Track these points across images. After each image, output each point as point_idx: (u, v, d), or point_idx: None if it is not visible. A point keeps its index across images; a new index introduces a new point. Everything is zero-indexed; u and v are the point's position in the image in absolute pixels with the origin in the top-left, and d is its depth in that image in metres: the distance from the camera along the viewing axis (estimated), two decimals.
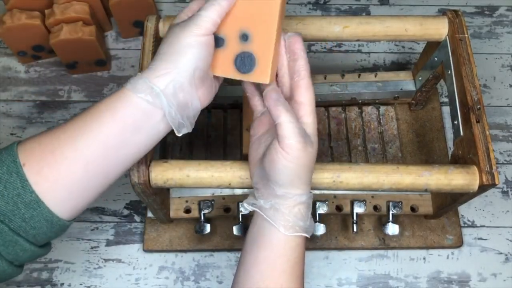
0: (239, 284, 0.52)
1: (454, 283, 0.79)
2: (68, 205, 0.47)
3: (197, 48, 0.48)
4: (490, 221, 0.83)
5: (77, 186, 0.47)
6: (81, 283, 0.78)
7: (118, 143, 0.48)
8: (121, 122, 0.47)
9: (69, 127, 0.47)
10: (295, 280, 0.52)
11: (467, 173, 0.59)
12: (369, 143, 0.84)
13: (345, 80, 0.82)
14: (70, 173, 0.46)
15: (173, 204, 0.76)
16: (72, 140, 0.46)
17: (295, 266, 0.52)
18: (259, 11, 0.49)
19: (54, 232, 0.48)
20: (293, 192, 0.50)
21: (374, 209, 0.77)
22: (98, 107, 0.48)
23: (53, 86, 0.92)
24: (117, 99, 0.48)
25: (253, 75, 0.51)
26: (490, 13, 1.00)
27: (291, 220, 0.50)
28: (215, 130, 0.84)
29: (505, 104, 0.92)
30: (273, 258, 0.51)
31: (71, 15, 0.84)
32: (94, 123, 0.47)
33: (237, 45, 0.51)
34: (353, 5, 1.01)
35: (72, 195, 0.47)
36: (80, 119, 0.48)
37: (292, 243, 0.51)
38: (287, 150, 0.48)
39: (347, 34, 0.67)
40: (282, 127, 0.48)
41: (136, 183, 0.58)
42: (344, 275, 0.79)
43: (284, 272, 0.51)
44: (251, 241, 0.53)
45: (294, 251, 0.51)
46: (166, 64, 0.48)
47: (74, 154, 0.46)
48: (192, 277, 0.79)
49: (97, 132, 0.47)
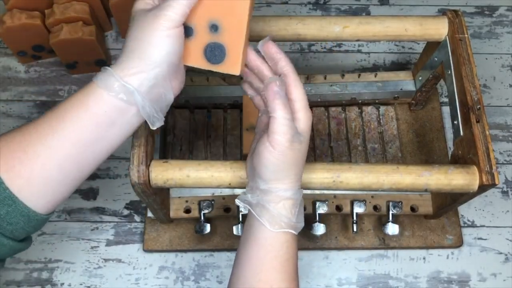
0: (234, 283, 0.52)
1: (454, 283, 0.79)
2: (44, 200, 0.47)
3: (169, 43, 0.47)
4: (490, 221, 0.83)
5: (52, 182, 0.47)
6: (81, 283, 0.78)
7: (92, 140, 0.47)
8: (95, 120, 0.47)
9: (41, 124, 0.47)
10: (286, 278, 0.51)
11: (467, 173, 0.59)
12: (369, 143, 0.84)
13: (345, 80, 0.82)
14: (44, 171, 0.46)
15: (173, 204, 0.76)
16: (44, 138, 0.46)
17: (285, 263, 0.51)
18: (229, 1, 0.48)
19: (32, 227, 0.48)
20: (277, 187, 0.50)
21: (374, 209, 0.77)
22: (70, 104, 0.47)
23: (53, 86, 0.92)
24: (89, 96, 0.47)
25: (224, 66, 0.51)
26: (490, 13, 1.00)
27: (276, 216, 0.50)
28: (215, 130, 0.84)
29: (505, 104, 0.92)
30: (262, 255, 0.51)
31: (71, 15, 0.84)
32: (67, 122, 0.46)
33: (206, 35, 0.50)
34: (353, 5, 1.01)
35: (47, 191, 0.47)
36: (52, 116, 0.47)
37: (280, 239, 0.51)
38: (273, 145, 0.48)
39: (347, 34, 0.67)
40: (275, 121, 0.48)
41: (136, 183, 0.58)
42: (344, 275, 0.79)
43: (273, 269, 0.51)
44: (243, 239, 0.53)
45: (283, 248, 0.51)
46: (138, 61, 0.47)
47: (48, 152, 0.46)
48: (192, 277, 0.79)
49: (70, 130, 0.46)
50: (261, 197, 0.51)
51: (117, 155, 0.86)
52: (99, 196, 0.83)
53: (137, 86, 0.47)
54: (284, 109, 0.48)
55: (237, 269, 0.53)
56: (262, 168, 0.50)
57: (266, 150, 0.48)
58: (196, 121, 0.85)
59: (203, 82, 0.81)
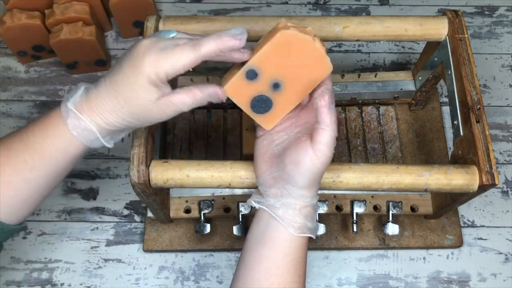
0: (240, 282, 0.52)
1: (454, 283, 0.79)
2: (16, 215, 0.51)
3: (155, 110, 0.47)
4: (490, 221, 0.83)
5: (24, 202, 0.51)
6: (81, 283, 0.78)
7: (64, 167, 0.51)
8: (56, 153, 0.49)
9: (9, 146, 0.49)
10: (297, 280, 0.52)
11: (467, 173, 0.59)
12: (369, 143, 0.84)
13: (345, 80, 0.82)
14: (18, 195, 0.50)
15: (173, 204, 0.76)
16: (9, 162, 0.49)
17: (298, 265, 0.52)
18: (304, 72, 0.51)
19: (4, 237, 0.52)
20: (306, 194, 0.51)
21: (374, 209, 0.77)
22: (33, 130, 0.50)
23: (53, 86, 0.92)
24: (51, 126, 0.49)
25: (261, 118, 0.54)
26: (490, 13, 1.00)
27: (300, 221, 0.51)
28: (215, 130, 0.84)
29: (505, 104, 0.92)
30: (278, 257, 0.51)
31: (71, 15, 0.84)
32: (28, 148, 0.49)
33: (264, 87, 0.51)
34: (353, 5, 1.01)
35: (19, 208, 0.51)
36: (17, 139, 0.50)
37: (298, 243, 0.52)
38: (318, 155, 0.49)
39: (347, 34, 0.67)
40: (324, 133, 0.49)
41: (136, 183, 0.58)
42: (344, 275, 0.79)
43: (288, 272, 0.51)
44: (254, 240, 0.53)
45: (299, 251, 0.52)
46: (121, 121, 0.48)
47: (20, 180, 0.49)
48: (192, 277, 0.79)
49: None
50: (288, 202, 0.51)
51: (117, 155, 0.86)
52: (99, 196, 0.83)
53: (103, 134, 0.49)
54: (334, 124, 0.49)
55: (245, 269, 0.53)
56: (299, 176, 0.50)
57: (308, 159, 0.49)
58: (196, 121, 0.85)
59: (203, 82, 0.81)
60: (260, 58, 0.49)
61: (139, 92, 0.46)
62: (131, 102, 0.47)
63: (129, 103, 0.47)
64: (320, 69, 0.51)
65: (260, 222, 0.53)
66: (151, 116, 0.48)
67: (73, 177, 0.84)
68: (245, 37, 0.47)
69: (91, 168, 0.85)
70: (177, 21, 0.66)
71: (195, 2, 1.00)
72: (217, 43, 0.46)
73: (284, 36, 0.48)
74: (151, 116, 0.48)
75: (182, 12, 0.99)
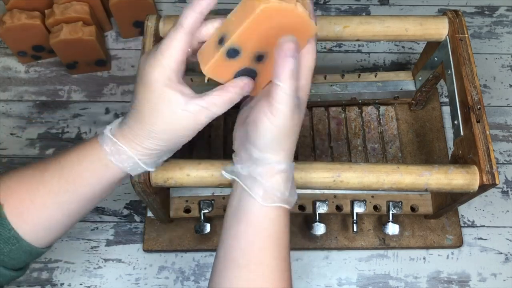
0: (220, 263, 0.49)
1: (454, 283, 0.79)
2: (46, 239, 0.51)
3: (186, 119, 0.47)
4: (490, 221, 0.83)
5: (56, 226, 0.51)
6: (81, 283, 0.78)
7: (96, 194, 0.51)
8: (97, 181, 0.49)
9: (43, 168, 0.49)
10: (277, 256, 0.48)
11: (467, 173, 0.59)
12: (369, 143, 0.84)
13: (345, 80, 0.82)
14: (49, 219, 0.50)
15: (173, 203, 0.76)
16: (54, 194, 0.49)
17: (276, 240, 0.48)
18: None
19: (32, 259, 0.52)
20: (271, 158, 0.47)
21: (374, 209, 0.77)
22: (70, 154, 0.49)
23: (53, 86, 0.92)
24: (89, 150, 0.49)
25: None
26: (490, 13, 1.00)
27: (269, 190, 0.47)
28: (215, 130, 0.84)
29: (505, 104, 0.92)
30: (252, 232, 0.48)
31: (71, 15, 0.84)
32: (64, 170, 0.49)
33: (247, 61, 0.48)
34: (353, 5, 1.01)
35: (51, 233, 0.51)
36: (54, 161, 0.49)
37: (272, 215, 0.48)
38: (274, 113, 0.45)
39: (347, 34, 0.67)
40: (280, 90, 0.44)
41: (136, 182, 0.58)
42: (344, 275, 0.79)
43: (265, 248, 0.48)
44: (230, 215, 0.50)
45: (274, 224, 0.48)
46: (156, 142, 0.48)
47: (55, 206, 0.49)
48: (192, 277, 0.79)
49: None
50: (253, 168, 0.48)
51: None
52: None
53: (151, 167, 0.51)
54: (292, 79, 0.44)
55: (224, 248, 0.49)
56: (258, 136, 0.46)
57: (265, 117, 0.45)
58: None
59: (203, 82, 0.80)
60: (240, 37, 0.45)
61: (160, 103, 0.46)
62: (159, 118, 0.46)
63: (159, 121, 0.46)
64: (305, 31, 0.47)
65: (234, 196, 0.50)
66: (184, 127, 0.47)
67: None
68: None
69: None
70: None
71: None
72: (192, 8, 0.45)
73: (265, 12, 0.44)
74: (184, 127, 0.47)
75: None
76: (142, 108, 0.47)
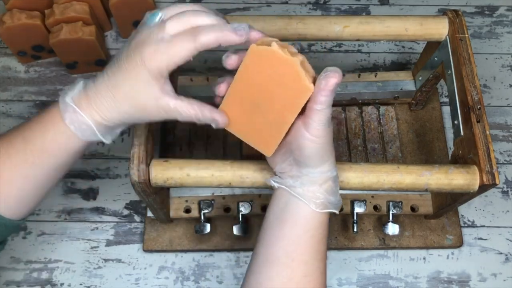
0: (259, 261, 0.51)
1: (454, 283, 0.79)
2: (19, 211, 0.51)
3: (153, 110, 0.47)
4: (490, 221, 0.83)
5: (27, 198, 0.51)
6: (81, 283, 0.78)
7: (58, 164, 0.50)
8: (62, 150, 0.49)
9: (7, 143, 0.50)
10: (319, 257, 0.51)
11: (467, 173, 0.59)
12: (369, 143, 0.84)
13: (345, 80, 0.82)
14: (19, 192, 0.50)
15: (173, 203, 0.76)
16: (9, 158, 0.49)
17: (319, 242, 0.51)
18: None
19: (8, 232, 0.53)
20: (324, 170, 0.50)
21: (374, 209, 0.77)
22: (32, 126, 0.50)
23: (53, 86, 0.92)
24: (50, 122, 0.49)
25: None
26: (490, 13, 1.00)
27: (321, 197, 0.50)
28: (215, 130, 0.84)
29: (505, 104, 0.92)
30: (298, 234, 0.51)
31: (71, 15, 0.84)
32: (28, 143, 0.49)
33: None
34: (353, 5, 1.01)
35: (22, 204, 0.51)
36: (17, 135, 0.50)
37: (320, 219, 0.51)
38: (315, 135, 0.48)
39: (347, 34, 0.67)
40: (319, 114, 0.47)
41: (136, 182, 0.58)
42: (344, 275, 0.79)
43: (310, 248, 0.51)
44: (274, 218, 0.52)
45: (320, 228, 0.51)
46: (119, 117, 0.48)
47: (21, 175, 0.49)
48: (192, 277, 0.79)
49: (31, 152, 0.49)
50: (306, 179, 0.50)
51: (117, 155, 0.86)
52: (99, 196, 0.83)
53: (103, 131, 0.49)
54: (330, 106, 0.47)
55: (265, 247, 0.52)
56: (306, 159, 0.49)
57: (307, 141, 0.48)
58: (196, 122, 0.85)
59: (203, 82, 0.81)
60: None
61: (140, 87, 0.46)
62: (131, 99, 0.47)
63: (129, 100, 0.47)
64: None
65: (279, 200, 0.53)
66: (147, 115, 0.48)
67: (73, 177, 0.84)
68: (247, 34, 0.45)
69: (91, 168, 0.85)
70: None
71: (195, 2, 1.00)
72: (217, 35, 0.45)
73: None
74: (148, 115, 0.48)
75: None
76: (120, 84, 0.47)
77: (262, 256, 0.52)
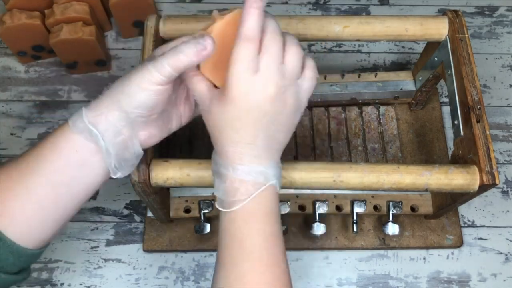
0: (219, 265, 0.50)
1: (454, 283, 0.79)
2: (30, 237, 0.49)
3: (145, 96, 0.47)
4: (490, 221, 0.83)
5: (34, 221, 0.48)
6: (81, 283, 0.78)
7: (66, 180, 0.49)
8: (66, 160, 0.48)
9: (20, 164, 0.48)
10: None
11: (467, 173, 0.59)
12: (369, 143, 0.84)
13: (345, 80, 0.82)
14: (25, 210, 0.48)
15: (173, 203, 0.76)
16: (23, 179, 0.48)
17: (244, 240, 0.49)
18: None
19: (23, 261, 0.49)
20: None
21: (374, 209, 0.77)
22: (44, 145, 0.49)
23: (53, 86, 0.92)
24: (61, 136, 0.48)
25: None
26: (490, 13, 1.00)
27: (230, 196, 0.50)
28: None
29: (505, 104, 0.92)
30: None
31: (71, 15, 0.84)
32: (41, 162, 0.48)
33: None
34: (353, 5, 1.01)
35: (33, 228, 0.49)
36: (30, 155, 0.49)
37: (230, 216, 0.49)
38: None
39: (347, 34, 0.67)
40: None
41: (136, 182, 0.58)
42: (344, 275, 0.79)
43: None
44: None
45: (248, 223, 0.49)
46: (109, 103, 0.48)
47: (25, 192, 0.47)
48: (192, 277, 0.79)
49: (45, 170, 0.48)
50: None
51: None
52: (99, 196, 0.83)
53: (102, 129, 0.47)
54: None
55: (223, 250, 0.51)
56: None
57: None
58: (196, 121, 0.85)
59: None
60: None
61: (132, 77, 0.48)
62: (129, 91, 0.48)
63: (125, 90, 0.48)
64: None
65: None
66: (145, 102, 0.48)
67: None
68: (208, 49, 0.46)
69: None
70: (177, 21, 0.66)
71: (195, 2, 1.00)
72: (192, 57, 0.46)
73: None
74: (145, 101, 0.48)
75: (182, 12, 0.99)
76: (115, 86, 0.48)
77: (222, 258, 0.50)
